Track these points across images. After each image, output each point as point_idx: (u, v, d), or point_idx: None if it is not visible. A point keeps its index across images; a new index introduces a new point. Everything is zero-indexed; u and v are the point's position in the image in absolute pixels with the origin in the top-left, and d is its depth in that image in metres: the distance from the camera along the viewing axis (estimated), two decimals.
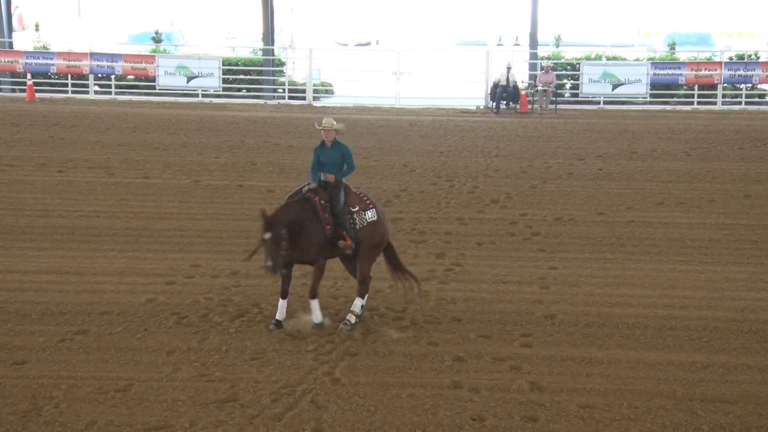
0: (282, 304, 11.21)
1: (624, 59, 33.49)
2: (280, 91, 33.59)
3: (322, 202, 11.07)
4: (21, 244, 14.80)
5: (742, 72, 31.66)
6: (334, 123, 11.44)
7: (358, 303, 11.26)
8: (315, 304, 11.20)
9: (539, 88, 30.98)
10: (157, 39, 35.32)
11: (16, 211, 16.81)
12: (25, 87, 32.73)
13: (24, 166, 20.73)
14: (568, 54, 34.21)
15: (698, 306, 12.07)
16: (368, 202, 11.43)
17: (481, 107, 31.63)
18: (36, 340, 10.75)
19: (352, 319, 11.13)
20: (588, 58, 33.15)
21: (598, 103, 31.96)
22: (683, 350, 10.61)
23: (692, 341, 10.88)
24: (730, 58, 33.07)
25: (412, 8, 64.22)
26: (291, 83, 33.84)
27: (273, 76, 33.77)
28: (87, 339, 10.81)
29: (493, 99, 31.12)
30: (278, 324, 11.14)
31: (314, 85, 33.05)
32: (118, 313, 11.62)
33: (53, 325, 11.21)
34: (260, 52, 34.64)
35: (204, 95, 32.97)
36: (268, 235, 10.56)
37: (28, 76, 32.83)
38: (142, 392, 9.42)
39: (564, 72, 33.02)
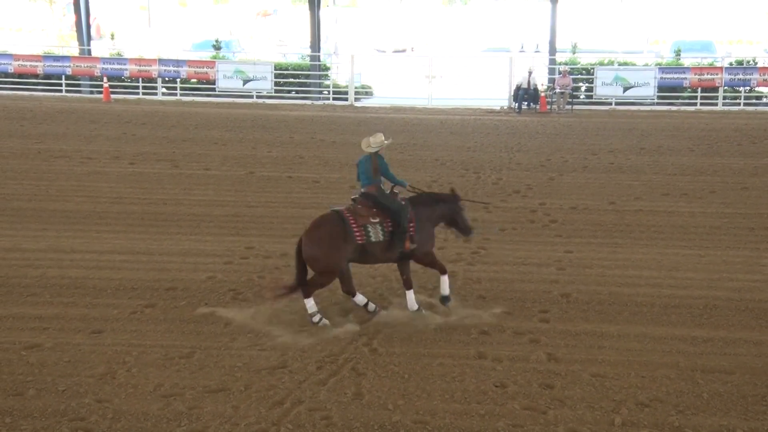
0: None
1: (634, 64, 33.11)
2: (325, 92, 33.60)
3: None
4: (98, 227, 14.94)
5: (741, 76, 31.20)
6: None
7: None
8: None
9: (557, 90, 30.74)
10: (217, 47, 35.45)
11: (94, 199, 16.97)
12: (101, 89, 33.04)
13: (100, 159, 20.93)
14: (584, 60, 33.90)
15: (699, 286, 11.93)
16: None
17: (505, 107, 31.44)
18: (111, 312, 10.85)
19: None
20: (601, 64, 32.81)
21: (610, 104, 31.64)
22: (686, 326, 10.50)
23: (694, 318, 10.76)
24: (731, 64, 32.61)
25: (444, 18, 63.94)
26: (335, 86, 33.83)
27: (319, 79, 33.79)
28: (155, 312, 10.89)
29: (515, 100, 30.94)
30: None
31: (355, 88, 33.02)
32: (182, 288, 11.70)
33: (126, 299, 11.31)
34: (308, 58, 34.67)
35: (258, 96, 33.05)
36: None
37: (105, 79, 33.13)
38: (203, 359, 9.48)
39: (580, 76, 32.70)
